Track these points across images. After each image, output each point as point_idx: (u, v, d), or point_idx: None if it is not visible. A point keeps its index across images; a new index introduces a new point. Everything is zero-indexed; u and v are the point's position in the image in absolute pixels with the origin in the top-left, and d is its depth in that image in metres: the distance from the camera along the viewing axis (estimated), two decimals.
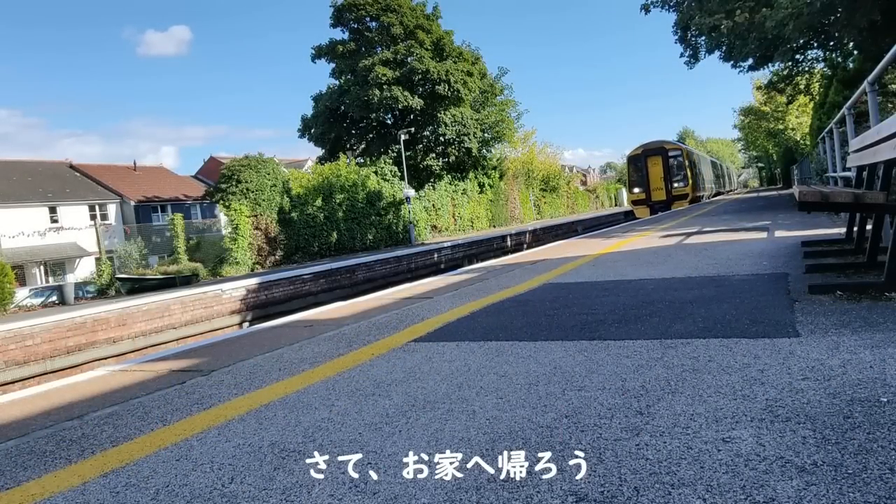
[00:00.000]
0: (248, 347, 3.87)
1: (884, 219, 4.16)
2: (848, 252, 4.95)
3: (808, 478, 1.40)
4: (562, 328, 3.36)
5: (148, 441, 2.20)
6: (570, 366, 2.57)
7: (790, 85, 24.93)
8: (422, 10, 36.53)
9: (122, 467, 1.97)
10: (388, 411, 2.22)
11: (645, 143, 31.13)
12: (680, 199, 28.87)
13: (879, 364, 2.16)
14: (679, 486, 1.43)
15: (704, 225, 10.94)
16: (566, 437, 1.80)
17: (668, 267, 5.47)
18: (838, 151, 9.33)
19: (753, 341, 2.65)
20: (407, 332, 3.73)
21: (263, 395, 2.64)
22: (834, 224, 7.75)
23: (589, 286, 4.84)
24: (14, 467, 2.09)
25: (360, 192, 30.47)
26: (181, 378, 3.17)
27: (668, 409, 1.94)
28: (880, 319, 2.80)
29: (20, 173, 36.30)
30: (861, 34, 13.87)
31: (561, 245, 10.07)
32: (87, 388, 3.23)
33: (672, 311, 3.50)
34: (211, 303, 15.55)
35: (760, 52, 16.46)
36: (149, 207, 39.55)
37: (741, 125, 58.52)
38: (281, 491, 1.66)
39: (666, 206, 28.41)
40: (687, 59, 19.92)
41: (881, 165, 3.89)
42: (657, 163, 29.76)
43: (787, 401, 1.90)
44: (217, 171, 31.73)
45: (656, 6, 18.42)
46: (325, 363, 3.14)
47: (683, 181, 29.41)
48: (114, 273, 23.49)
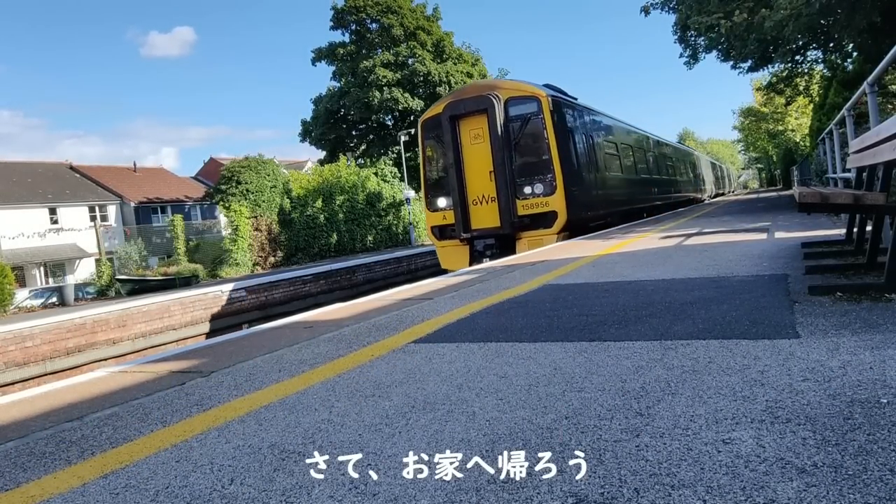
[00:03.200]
0: (248, 348, 3.87)
1: (884, 220, 4.16)
2: (848, 253, 4.95)
3: (808, 479, 1.40)
4: (562, 329, 3.36)
5: (148, 442, 2.20)
6: (569, 367, 2.57)
7: (790, 86, 24.93)
8: (422, 12, 36.59)
9: (121, 468, 1.97)
10: (388, 412, 2.22)
11: (456, 91, 14.76)
12: (541, 228, 12.36)
13: (879, 365, 2.15)
14: (679, 488, 1.43)
15: (704, 226, 10.94)
16: (566, 438, 1.80)
17: (668, 268, 5.47)
18: (838, 152, 9.33)
19: (753, 342, 2.65)
20: (407, 334, 3.73)
21: (263, 397, 2.64)
22: (834, 225, 7.75)
23: (589, 287, 4.84)
24: (14, 468, 2.09)
25: (360, 193, 30.49)
26: (181, 379, 3.17)
27: (668, 410, 1.94)
28: (880, 320, 2.80)
29: (20, 174, 36.31)
30: (860, 35, 13.88)
31: (561, 246, 10.07)
32: (87, 390, 3.23)
33: (672, 312, 3.49)
34: (211, 304, 15.56)
35: (760, 53, 16.49)
36: (149, 208, 39.57)
37: (741, 126, 58.58)
38: (281, 492, 1.65)
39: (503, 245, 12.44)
40: (686, 60, 19.94)
41: (881, 166, 3.89)
42: (479, 134, 12.72)
43: (787, 402, 1.89)
44: (217, 173, 31.75)
45: (656, 8, 18.45)
46: (324, 364, 3.14)
47: (545, 182, 12.35)
48: (114, 274, 23.51)
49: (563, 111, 13.15)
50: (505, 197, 12.33)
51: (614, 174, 16.53)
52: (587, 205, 13.57)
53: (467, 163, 12.83)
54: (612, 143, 16.85)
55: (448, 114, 12.80)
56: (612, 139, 16.96)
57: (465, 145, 12.83)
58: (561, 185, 12.24)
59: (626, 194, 17.32)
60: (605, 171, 15.43)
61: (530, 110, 12.46)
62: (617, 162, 16.89)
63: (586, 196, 13.54)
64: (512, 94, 12.60)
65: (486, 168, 12.56)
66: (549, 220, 12.26)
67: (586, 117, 14.92)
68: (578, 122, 14.14)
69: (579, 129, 14.04)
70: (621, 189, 16.96)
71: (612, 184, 16.01)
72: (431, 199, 13.59)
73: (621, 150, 17.50)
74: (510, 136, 12.50)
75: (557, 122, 12.54)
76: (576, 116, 14.09)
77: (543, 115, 12.32)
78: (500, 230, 12.39)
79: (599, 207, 14.59)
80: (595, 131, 15.35)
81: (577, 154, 13.51)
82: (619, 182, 16.81)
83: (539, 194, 12.31)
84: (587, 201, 13.56)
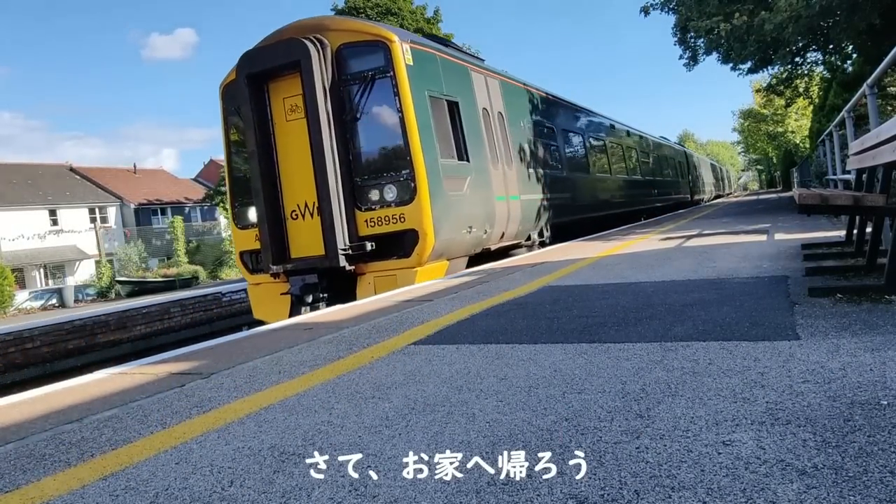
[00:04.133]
0: (248, 350, 3.87)
1: (883, 221, 4.16)
2: (848, 255, 4.95)
3: (808, 481, 1.40)
4: (562, 331, 3.36)
5: (147, 444, 2.20)
6: (569, 368, 2.57)
7: (789, 88, 24.93)
8: (422, 14, 36.63)
9: (121, 470, 1.97)
10: (388, 414, 2.22)
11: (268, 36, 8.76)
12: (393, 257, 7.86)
13: (880, 367, 2.15)
14: (679, 490, 1.43)
15: (704, 228, 10.94)
16: (566, 439, 1.79)
17: (668, 270, 5.47)
18: (838, 154, 9.34)
19: (753, 344, 2.65)
20: (407, 335, 3.73)
21: (263, 398, 2.64)
22: (834, 227, 7.75)
23: (589, 289, 4.84)
24: (13, 470, 2.09)
25: None
26: (181, 381, 3.17)
27: (668, 412, 1.94)
28: (880, 322, 2.80)
29: (20, 176, 36.33)
30: (860, 37, 13.90)
31: (561, 248, 10.07)
32: (87, 391, 3.22)
33: (672, 313, 3.49)
34: (210, 306, 15.55)
35: (759, 55, 16.49)
36: (149, 210, 39.59)
37: (741, 128, 58.62)
38: (281, 494, 1.65)
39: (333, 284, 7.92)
40: (686, 61, 19.94)
41: (881, 168, 3.89)
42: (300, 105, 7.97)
43: (788, 404, 1.89)
44: (217, 174, 31.75)
45: (656, 8, 18.47)
46: (324, 366, 3.14)
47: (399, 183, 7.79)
48: (114, 276, 23.51)
49: (430, 67, 8.49)
50: (331, 207, 7.59)
51: (552, 173, 12.37)
52: (486, 217, 9.16)
53: (283, 151, 8.14)
54: (546, 129, 12.74)
55: (246, 71, 8.00)
56: (548, 124, 12.91)
57: (279, 123, 8.15)
58: (424, 187, 7.66)
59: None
60: (530, 168, 11.21)
61: (374, 64, 7.84)
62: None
63: (480, 204, 9.04)
64: (346, 40, 7.99)
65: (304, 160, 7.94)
66: (406, 245, 7.71)
67: (485, 82, 10.13)
68: (467, 88, 9.42)
69: (469, 98, 9.37)
70: (562, 193, 12.77)
71: (557, 187, 12.34)
72: (240, 209, 8.91)
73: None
74: (345, 106, 7.94)
75: (418, 84, 7.98)
76: (461, 78, 9.35)
77: (395, 73, 7.70)
78: (324, 261, 7.65)
79: (526, 220, 10.59)
80: (515, 107, 11.17)
81: (463, 137, 8.86)
82: (558, 183, 12.59)
83: (391, 202, 7.77)
84: (484, 212, 9.14)
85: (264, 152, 8.11)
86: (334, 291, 7.89)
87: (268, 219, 8.07)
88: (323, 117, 7.71)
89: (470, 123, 9.24)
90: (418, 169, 7.77)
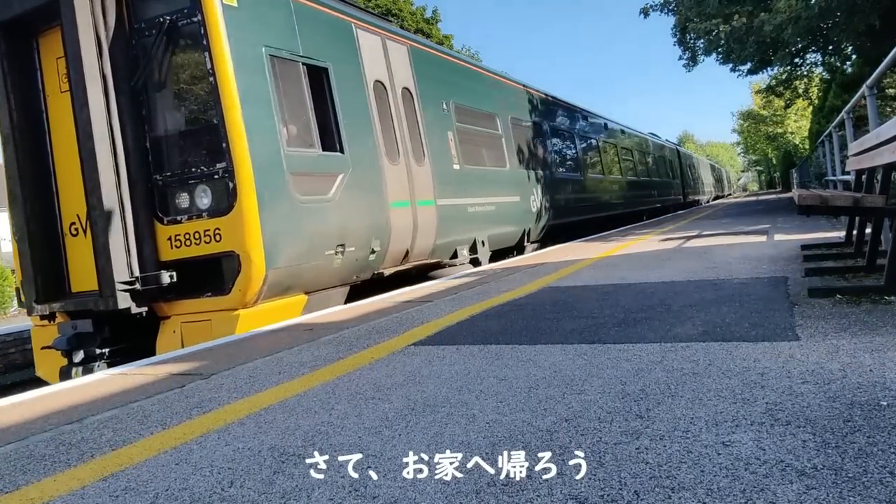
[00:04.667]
0: (248, 351, 3.87)
1: (883, 222, 4.17)
2: (847, 255, 4.96)
3: (808, 481, 1.40)
4: (562, 332, 3.36)
5: (147, 445, 2.20)
6: (569, 369, 2.57)
7: (789, 89, 24.97)
8: (422, 15, 36.66)
9: (121, 471, 1.97)
10: (388, 415, 2.22)
11: None
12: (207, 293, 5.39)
13: (879, 368, 2.16)
14: (679, 490, 1.43)
15: (704, 228, 10.95)
16: (566, 440, 1.80)
17: (668, 270, 5.48)
18: (837, 155, 9.35)
19: (753, 345, 2.65)
20: (407, 336, 3.73)
21: (263, 399, 2.64)
22: (833, 227, 7.76)
23: (589, 290, 4.85)
24: (13, 471, 2.09)
25: None
26: (181, 381, 3.17)
27: (668, 412, 1.94)
28: (880, 323, 2.80)
29: None
30: (860, 38, 13.91)
31: (561, 248, 10.07)
32: (87, 392, 3.22)
33: (672, 314, 3.50)
34: None
35: (759, 56, 16.50)
36: None
37: (740, 129, 58.70)
38: (281, 494, 1.65)
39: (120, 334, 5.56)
40: (685, 62, 19.97)
41: (880, 169, 3.90)
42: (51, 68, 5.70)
43: (787, 404, 1.90)
44: None
45: (655, 10, 18.50)
46: (324, 367, 3.14)
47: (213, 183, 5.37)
48: None
49: (274, 14, 6.15)
50: (106, 218, 5.31)
51: (489, 170, 10.02)
52: (372, 230, 6.77)
53: (59, 136, 5.87)
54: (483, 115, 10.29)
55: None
56: (485, 109, 10.42)
57: (53, 95, 5.91)
58: (248, 189, 5.37)
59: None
60: (454, 164, 8.82)
61: (176, 6, 5.55)
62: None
63: (362, 213, 6.63)
64: None
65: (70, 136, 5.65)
66: (225, 275, 5.41)
67: (382, 46, 7.74)
68: (347, 51, 7.05)
69: (350, 66, 7.02)
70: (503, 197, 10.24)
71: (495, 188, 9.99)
72: None
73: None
74: (137, 69, 5.62)
75: (248, 37, 5.69)
76: (339, 36, 7.00)
77: (203, 17, 5.39)
78: (98, 300, 5.37)
79: (446, 232, 8.25)
80: (434, 85, 8.77)
81: (336, 119, 6.52)
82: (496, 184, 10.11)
83: (204, 211, 5.49)
84: (369, 224, 6.73)
85: (26, 137, 5.75)
86: (126, 342, 5.68)
87: (30, 234, 5.67)
88: (93, 84, 5.31)
89: (350, 100, 6.78)
90: (240, 161, 5.33)
